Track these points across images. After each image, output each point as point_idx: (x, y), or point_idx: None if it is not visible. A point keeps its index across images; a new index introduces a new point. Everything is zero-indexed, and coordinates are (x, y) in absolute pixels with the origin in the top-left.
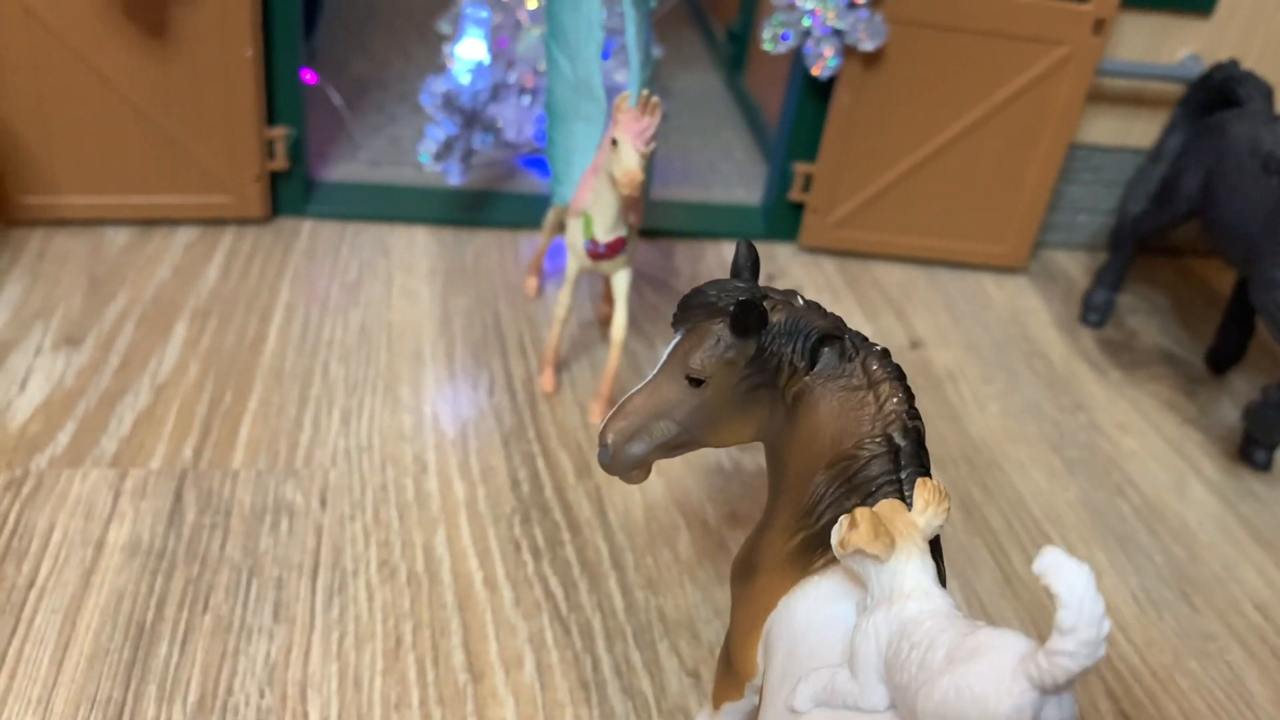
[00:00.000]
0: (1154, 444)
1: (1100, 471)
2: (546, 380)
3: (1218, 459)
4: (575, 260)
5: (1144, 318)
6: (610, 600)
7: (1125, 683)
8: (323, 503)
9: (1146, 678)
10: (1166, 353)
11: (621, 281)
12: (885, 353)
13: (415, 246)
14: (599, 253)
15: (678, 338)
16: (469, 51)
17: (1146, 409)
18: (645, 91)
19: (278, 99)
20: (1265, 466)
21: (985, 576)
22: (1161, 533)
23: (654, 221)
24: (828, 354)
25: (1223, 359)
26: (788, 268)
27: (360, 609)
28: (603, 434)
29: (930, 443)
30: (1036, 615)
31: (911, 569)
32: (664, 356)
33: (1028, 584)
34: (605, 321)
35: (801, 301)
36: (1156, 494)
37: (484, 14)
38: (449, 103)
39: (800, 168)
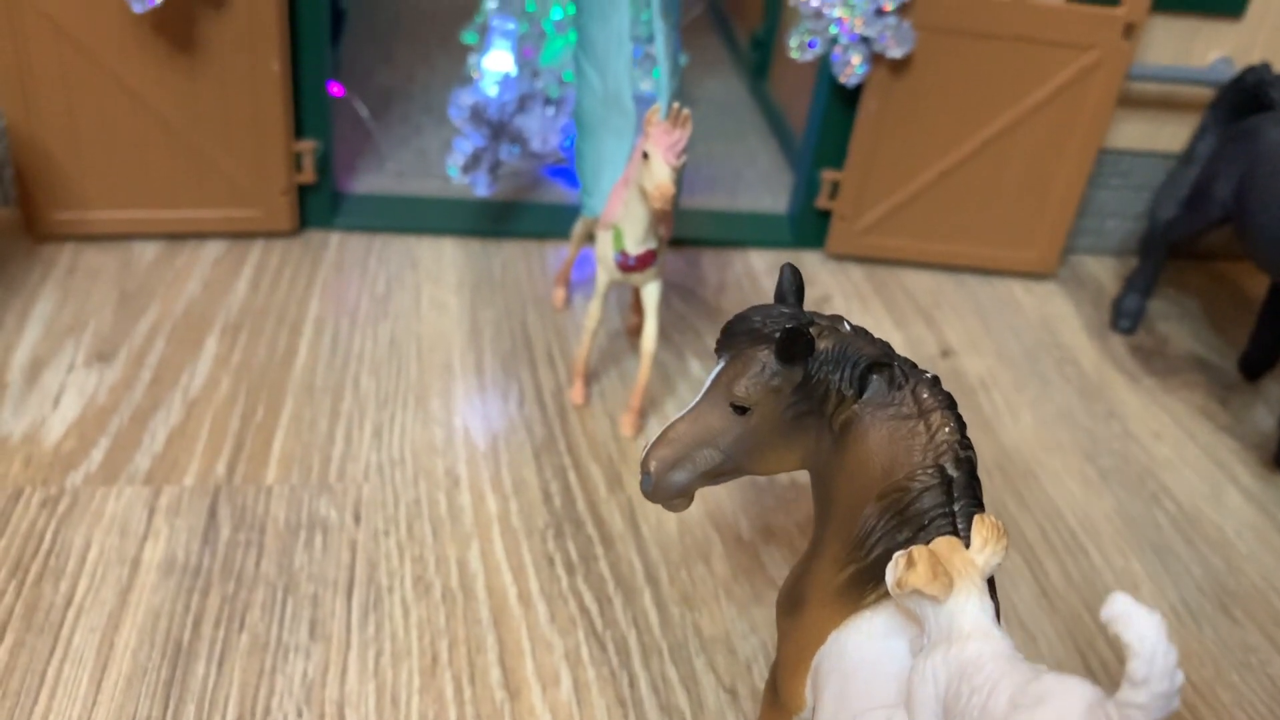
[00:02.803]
0: (1189, 452)
1: (1135, 480)
2: (576, 392)
3: (1254, 466)
4: (605, 272)
5: (1175, 323)
6: (645, 616)
7: None
8: (356, 518)
9: (1187, 691)
10: (1199, 359)
11: (652, 293)
12: (936, 380)
13: (443, 258)
14: (629, 265)
15: (721, 364)
16: (496, 63)
17: (1180, 416)
18: (676, 104)
19: (305, 112)
20: None
21: (1022, 589)
22: (1199, 543)
23: (680, 230)
24: (876, 381)
25: (1256, 365)
26: (815, 275)
27: (396, 626)
28: (645, 461)
29: None
30: (1074, 629)
31: (970, 609)
32: (707, 383)
33: (1065, 597)
34: (634, 332)
35: (848, 327)
36: (1193, 503)
37: (510, 25)
38: (476, 115)
39: (827, 175)
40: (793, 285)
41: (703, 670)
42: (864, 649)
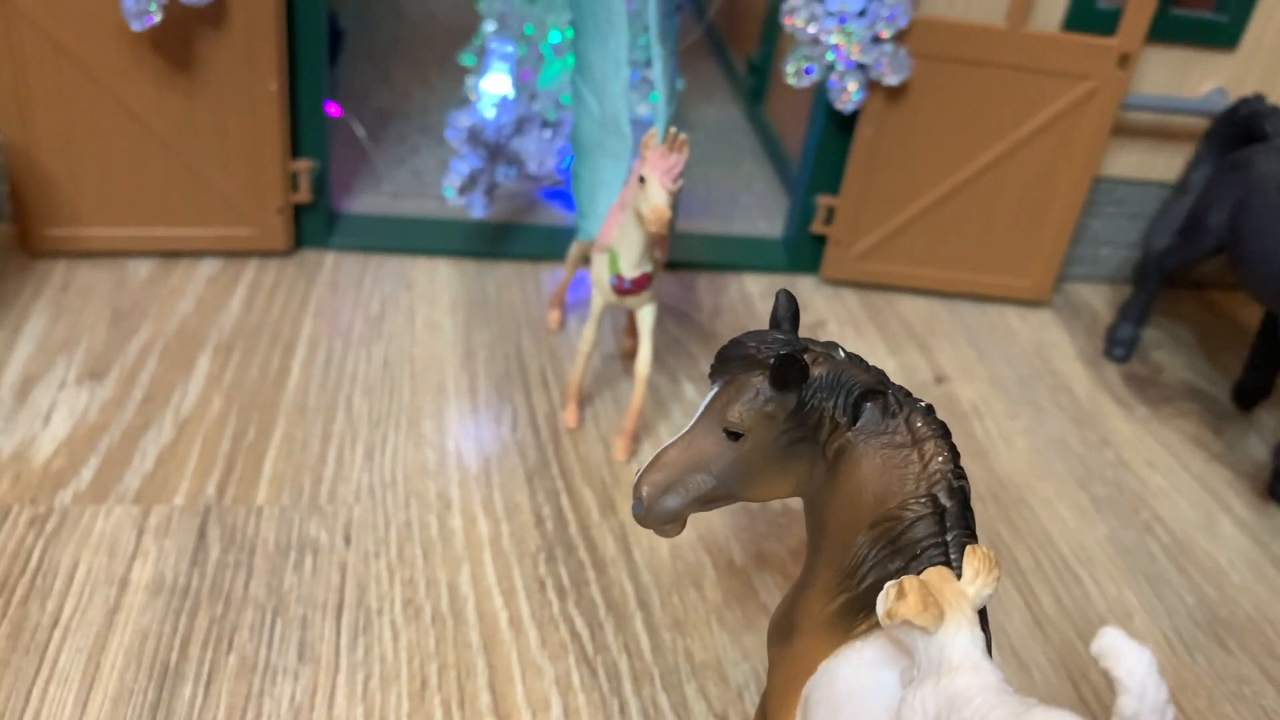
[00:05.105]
0: (1182, 481)
1: (1128, 509)
2: (570, 415)
3: (1247, 496)
4: (600, 296)
5: (1169, 352)
6: (637, 641)
7: None
8: (347, 540)
9: None
10: (1193, 388)
11: (646, 317)
12: (930, 409)
13: (438, 279)
14: (625, 289)
15: (715, 389)
16: (494, 86)
17: (1174, 445)
18: (673, 129)
19: (302, 132)
20: None
21: (1015, 617)
22: (1192, 572)
23: (675, 253)
24: (870, 409)
25: (1250, 394)
26: (810, 300)
27: (385, 649)
28: (637, 486)
29: None
30: (1067, 657)
31: (960, 641)
32: (701, 408)
33: (1057, 625)
34: (628, 355)
35: (843, 354)
36: (1186, 532)
37: (508, 49)
38: (473, 137)
39: (822, 200)
40: (788, 311)
41: (694, 697)
42: (854, 679)
